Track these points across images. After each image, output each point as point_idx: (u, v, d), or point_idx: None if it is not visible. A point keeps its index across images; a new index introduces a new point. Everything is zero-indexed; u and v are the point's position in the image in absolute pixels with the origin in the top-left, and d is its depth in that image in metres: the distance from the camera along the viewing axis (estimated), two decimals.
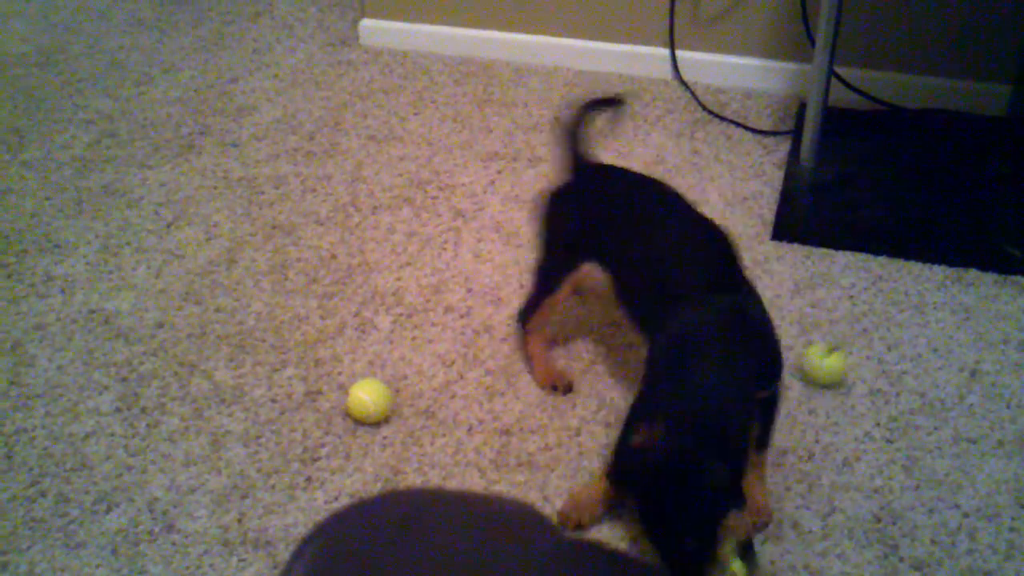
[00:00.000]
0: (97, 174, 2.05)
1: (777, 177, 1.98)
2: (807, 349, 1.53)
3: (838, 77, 2.11)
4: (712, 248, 1.35)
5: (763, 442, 1.32)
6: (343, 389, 1.53)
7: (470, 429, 1.47)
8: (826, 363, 1.50)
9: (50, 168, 2.07)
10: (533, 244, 1.55)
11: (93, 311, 1.70)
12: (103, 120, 2.23)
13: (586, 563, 0.88)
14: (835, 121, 2.04)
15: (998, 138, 2.08)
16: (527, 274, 1.73)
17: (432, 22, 2.45)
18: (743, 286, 1.34)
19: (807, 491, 1.37)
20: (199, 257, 1.81)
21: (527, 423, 1.48)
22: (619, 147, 2.07)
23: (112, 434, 1.47)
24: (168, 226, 1.90)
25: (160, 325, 1.67)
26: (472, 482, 1.39)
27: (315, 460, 1.43)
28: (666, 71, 2.31)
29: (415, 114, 2.22)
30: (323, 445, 1.45)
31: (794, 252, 1.78)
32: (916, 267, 1.74)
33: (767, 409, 1.32)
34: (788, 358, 1.56)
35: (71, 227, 1.90)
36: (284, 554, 1.29)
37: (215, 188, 2.00)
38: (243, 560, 1.30)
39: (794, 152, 2.03)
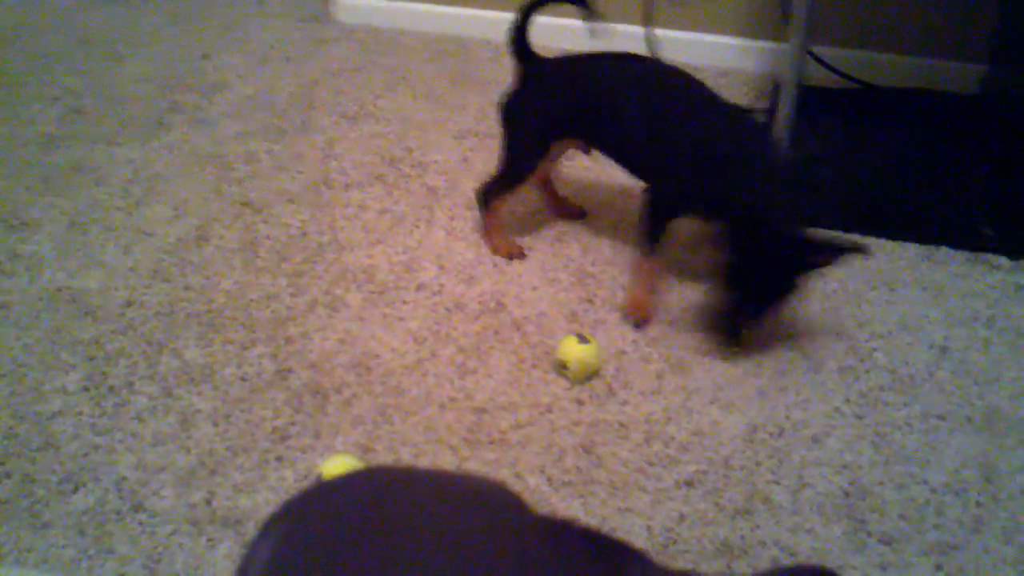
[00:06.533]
0: (64, 151, 2.02)
1: None
2: (562, 342, 1.51)
3: (813, 56, 2.11)
4: (692, 88, 1.57)
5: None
6: (314, 367, 1.52)
7: (442, 407, 1.47)
8: (584, 352, 1.48)
9: (16, 145, 2.04)
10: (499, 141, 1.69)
11: (60, 289, 1.68)
12: (70, 96, 2.20)
13: (559, 540, 0.88)
14: (810, 100, 2.04)
15: (971, 117, 2.09)
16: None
17: None
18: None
19: (777, 466, 1.37)
20: (168, 235, 1.79)
21: (499, 400, 1.47)
22: None
23: (79, 413, 1.46)
24: (137, 203, 1.87)
25: (129, 303, 1.65)
26: (444, 460, 1.39)
27: (285, 439, 1.42)
28: (642, 49, 2.30)
29: (389, 91, 2.20)
30: (293, 424, 1.44)
31: None
32: (888, 245, 1.75)
33: None
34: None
35: (38, 204, 1.87)
36: (253, 533, 1.28)
37: (185, 165, 1.98)
38: (212, 539, 1.29)
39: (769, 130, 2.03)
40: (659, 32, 2.27)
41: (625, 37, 2.29)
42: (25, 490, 1.35)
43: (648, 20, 2.27)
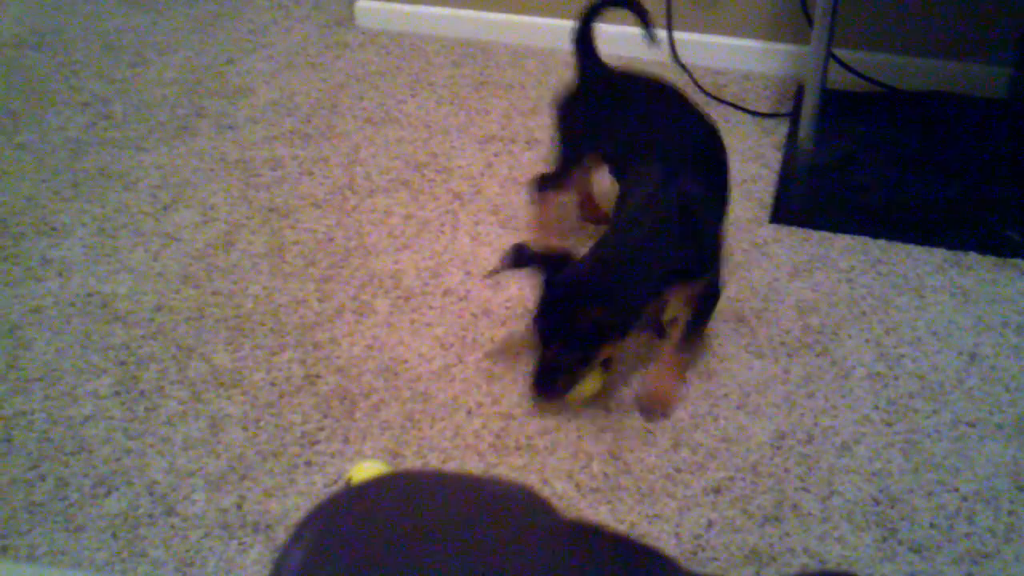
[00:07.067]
0: (93, 156, 2.04)
1: (776, 160, 1.98)
2: None
3: (836, 59, 2.10)
4: (685, 139, 1.53)
5: (688, 336, 1.48)
6: (342, 373, 1.53)
7: (469, 412, 1.47)
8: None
9: (45, 150, 2.06)
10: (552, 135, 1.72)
11: (91, 294, 1.69)
12: (98, 102, 2.21)
13: (587, 545, 0.89)
14: (834, 103, 2.04)
15: (997, 121, 2.08)
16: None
17: (429, 3, 2.44)
18: (701, 175, 1.48)
19: (806, 474, 1.37)
20: (196, 240, 1.81)
21: (526, 406, 1.48)
22: None
23: (111, 417, 1.47)
24: (165, 208, 1.89)
25: (158, 308, 1.66)
26: (471, 465, 1.40)
27: (314, 443, 1.43)
28: (664, 53, 2.29)
29: (412, 96, 2.21)
30: (322, 428, 1.45)
31: (793, 235, 1.78)
32: (915, 250, 1.74)
33: (698, 304, 1.47)
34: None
35: (67, 210, 1.89)
36: (283, 537, 1.29)
37: (212, 170, 1.99)
38: (243, 543, 1.30)
39: (793, 135, 2.03)
40: (681, 35, 2.27)
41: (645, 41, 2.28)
42: (59, 493, 1.36)
43: (670, 23, 2.27)
